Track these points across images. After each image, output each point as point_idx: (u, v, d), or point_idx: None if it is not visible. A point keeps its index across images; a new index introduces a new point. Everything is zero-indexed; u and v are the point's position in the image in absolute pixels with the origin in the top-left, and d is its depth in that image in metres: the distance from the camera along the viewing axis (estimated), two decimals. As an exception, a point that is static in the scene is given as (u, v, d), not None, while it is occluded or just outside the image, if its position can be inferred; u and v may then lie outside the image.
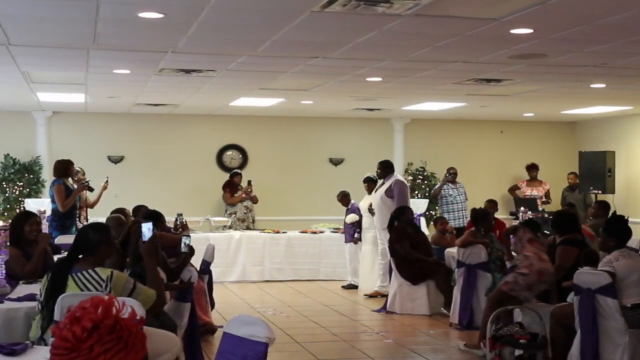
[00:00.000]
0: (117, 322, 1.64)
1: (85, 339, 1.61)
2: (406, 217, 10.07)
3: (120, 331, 1.64)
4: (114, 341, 1.62)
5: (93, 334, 1.61)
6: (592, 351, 6.10)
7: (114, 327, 1.63)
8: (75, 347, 1.61)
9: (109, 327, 1.63)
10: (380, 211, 10.89)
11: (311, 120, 15.31)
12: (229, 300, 10.62)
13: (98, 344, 1.61)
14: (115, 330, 1.63)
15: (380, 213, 10.89)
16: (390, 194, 10.79)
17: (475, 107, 13.42)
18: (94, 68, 8.94)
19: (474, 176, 15.18)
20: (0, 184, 13.77)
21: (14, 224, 6.57)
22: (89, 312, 1.64)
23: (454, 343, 8.06)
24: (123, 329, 1.64)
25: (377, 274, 11.33)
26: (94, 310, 1.65)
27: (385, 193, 10.83)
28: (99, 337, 1.61)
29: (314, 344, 8.09)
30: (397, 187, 10.81)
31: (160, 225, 7.73)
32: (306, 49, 7.78)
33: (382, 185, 11.02)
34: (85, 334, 1.61)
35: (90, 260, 4.74)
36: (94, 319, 1.63)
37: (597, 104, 13.05)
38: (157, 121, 14.70)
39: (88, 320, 1.62)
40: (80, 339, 1.61)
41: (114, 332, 1.63)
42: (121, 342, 1.62)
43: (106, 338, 1.62)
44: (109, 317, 1.64)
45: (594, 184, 13.56)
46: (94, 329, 1.62)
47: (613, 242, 6.42)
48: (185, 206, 14.01)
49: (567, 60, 8.29)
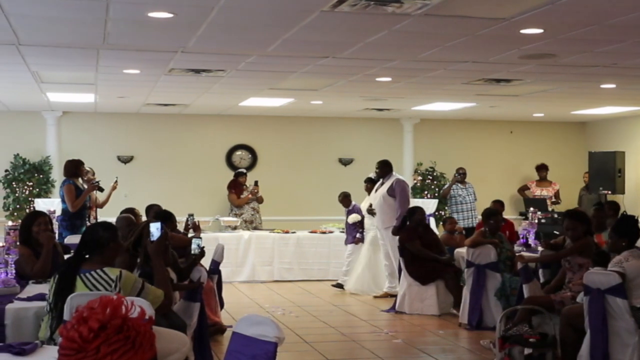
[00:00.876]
0: (124, 322, 1.63)
1: (92, 339, 1.60)
2: (417, 218, 10.05)
3: (127, 331, 1.62)
4: (121, 341, 1.61)
5: (100, 334, 1.60)
6: (602, 351, 6.08)
7: (121, 327, 1.62)
8: (82, 348, 1.60)
9: (116, 327, 1.62)
10: (382, 211, 10.85)
11: (321, 121, 15.31)
12: (238, 300, 10.62)
13: (105, 345, 1.60)
14: (122, 330, 1.62)
15: (382, 213, 10.86)
16: (392, 193, 10.75)
17: (484, 108, 13.40)
18: (104, 68, 8.96)
19: (484, 176, 15.15)
20: (10, 184, 13.82)
21: (23, 224, 6.58)
22: (96, 313, 1.63)
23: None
24: (131, 329, 1.63)
25: (372, 274, 11.38)
26: (101, 311, 1.63)
27: (387, 192, 10.79)
28: (106, 337, 1.60)
29: (323, 343, 8.08)
30: (398, 186, 10.78)
31: (171, 224, 7.76)
32: (316, 49, 7.78)
33: (382, 185, 10.98)
34: (92, 334, 1.60)
35: (98, 260, 4.73)
36: (101, 319, 1.61)
37: (607, 105, 13.01)
38: (166, 121, 14.72)
39: (95, 320, 1.61)
40: (87, 340, 1.60)
41: (121, 333, 1.62)
42: (128, 342, 1.61)
43: (113, 338, 1.60)
44: (117, 317, 1.63)
45: (603, 185, 13.51)
46: (100, 330, 1.60)
47: (625, 243, 6.39)
48: (195, 206, 14.02)
49: (577, 60, 8.26)
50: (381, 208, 10.88)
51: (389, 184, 10.85)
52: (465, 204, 13.61)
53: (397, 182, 10.85)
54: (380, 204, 10.88)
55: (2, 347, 3.87)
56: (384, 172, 11.04)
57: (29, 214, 7.29)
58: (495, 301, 8.68)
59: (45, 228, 6.54)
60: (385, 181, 10.97)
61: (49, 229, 6.62)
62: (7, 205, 13.73)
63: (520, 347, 6.56)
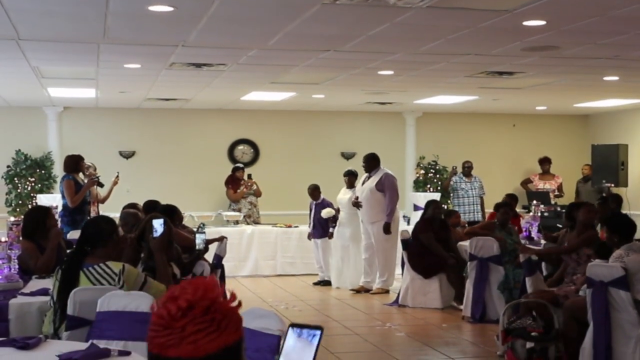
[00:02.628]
0: (212, 303, 1.69)
1: (180, 317, 1.66)
2: (431, 212, 10.02)
3: (214, 313, 1.70)
4: (206, 322, 1.68)
5: (187, 313, 1.68)
6: (605, 344, 6.07)
7: (209, 308, 1.69)
8: (168, 325, 1.67)
9: (204, 308, 1.69)
10: (370, 205, 10.77)
11: (323, 115, 15.29)
12: (241, 295, 10.50)
13: (191, 324, 1.67)
14: (209, 312, 1.69)
15: (370, 207, 10.77)
16: (381, 187, 10.69)
17: (487, 101, 13.38)
18: (105, 63, 8.94)
19: (487, 170, 15.12)
20: (12, 179, 13.82)
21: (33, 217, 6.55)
22: (187, 292, 1.69)
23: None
24: (217, 311, 1.70)
25: (354, 268, 11.24)
26: (192, 291, 1.70)
27: (376, 187, 10.72)
28: (193, 317, 1.68)
29: (327, 337, 8.08)
30: (387, 181, 10.72)
31: (178, 218, 7.76)
32: (317, 42, 7.76)
33: (370, 179, 10.88)
34: (179, 312, 1.67)
35: (101, 254, 4.73)
36: (190, 299, 1.69)
37: (610, 97, 12.99)
38: (168, 116, 14.71)
39: (184, 300, 1.68)
40: (175, 318, 1.67)
41: (208, 314, 1.69)
42: (214, 324, 1.68)
43: (199, 319, 1.68)
44: (206, 298, 1.69)
45: (606, 177, 13.49)
46: (188, 309, 1.68)
47: (616, 238, 6.41)
48: (197, 200, 14.07)
49: (580, 52, 8.24)
50: (368, 202, 10.78)
51: (378, 179, 10.77)
52: (468, 198, 13.59)
53: (387, 177, 10.78)
54: (368, 198, 10.78)
55: (6, 342, 3.86)
56: (372, 167, 10.92)
57: (38, 207, 7.29)
58: (499, 294, 8.68)
59: (55, 223, 6.57)
60: (373, 175, 10.87)
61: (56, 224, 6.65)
62: (10, 201, 13.72)
63: (522, 341, 6.56)
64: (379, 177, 10.79)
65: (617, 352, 6.09)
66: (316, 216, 11.77)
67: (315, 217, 11.79)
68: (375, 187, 10.71)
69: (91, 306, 4.32)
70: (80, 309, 4.42)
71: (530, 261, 7.59)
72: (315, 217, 11.81)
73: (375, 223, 10.69)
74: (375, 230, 10.74)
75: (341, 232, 11.47)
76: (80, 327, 4.37)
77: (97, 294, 4.34)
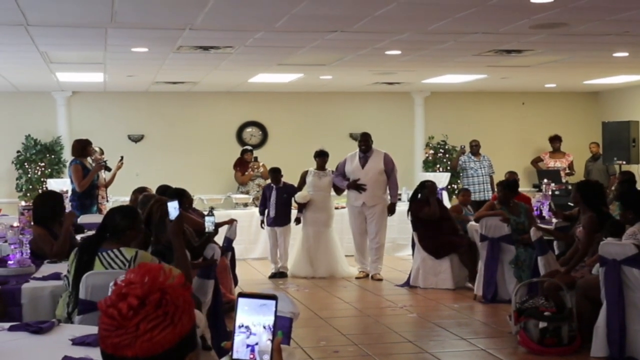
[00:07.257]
0: (163, 295, 1.66)
1: (132, 316, 1.63)
2: (427, 191, 9.99)
3: (166, 307, 1.66)
4: (160, 317, 1.65)
5: (139, 311, 1.64)
6: (619, 322, 6.06)
7: (160, 301, 1.65)
8: (121, 325, 1.64)
9: (155, 302, 1.65)
10: (377, 187, 10.46)
11: (331, 96, 15.25)
12: (252, 277, 10.64)
13: (144, 322, 1.64)
14: (161, 305, 1.65)
15: (376, 189, 10.47)
16: (390, 168, 10.50)
17: (496, 79, 13.30)
18: (112, 47, 8.92)
19: (497, 149, 15.05)
20: (22, 164, 13.87)
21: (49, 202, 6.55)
22: (135, 288, 1.65)
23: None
24: (169, 303, 1.67)
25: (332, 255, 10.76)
26: (139, 281, 1.66)
27: (384, 167, 10.43)
28: (146, 314, 1.64)
29: (338, 319, 8.09)
30: (391, 162, 10.53)
31: (187, 201, 7.76)
32: (324, 23, 7.72)
33: (369, 160, 10.50)
34: (131, 311, 1.63)
35: (115, 241, 4.74)
36: (139, 294, 1.65)
37: (620, 74, 12.90)
38: (176, 99, 14.70)
39: (133, 297, 1.64)
40: (126, 317, 1.64)
41: (160, 308, 1.65)
42: (167, 317, 1.65)
43: (152, 315, 1.64)
44: (155, 289, 1.65)
45: (618, 155, 13.43)
46: (140, 307, 1.64)
47: (631, 215, 6.37)
48: (206, 184, 14.08)
49: (589, 29, 8.17)
50: (376, 184, 10.49)
51: (380, 159, 10.52)
52: (477, 177, 13.53)
53: (389, 157, 10.59)
54: (376, 180, 10.47)
55: (20, 326, 3.88)
56: (370, 146, 10.63)
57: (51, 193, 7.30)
58: (510, 275, 8.64)
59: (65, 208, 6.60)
60: (370, 155, 10.57)
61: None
62: (20, 186, 13.78)
63: (535, 321, 6.55)
64: (380, 157, 10.55)
65: (631, 331, 6.08)
66: (279, 201, 10.93)
67: (278, 202, 10.93)
68: (384, 168, 10.50)
69: (103, 290, 4.31)
70: (92, 293, 4.42)
71: (542, 240, 7.57)
72: (277, 203, 10.93)
73: (377, 205, 10.53)
74: (378, 212, 10.52)
75: (315, 217, 10.89)
76: (93, 312, 4.37)
77: (109, 278, 4.33)
